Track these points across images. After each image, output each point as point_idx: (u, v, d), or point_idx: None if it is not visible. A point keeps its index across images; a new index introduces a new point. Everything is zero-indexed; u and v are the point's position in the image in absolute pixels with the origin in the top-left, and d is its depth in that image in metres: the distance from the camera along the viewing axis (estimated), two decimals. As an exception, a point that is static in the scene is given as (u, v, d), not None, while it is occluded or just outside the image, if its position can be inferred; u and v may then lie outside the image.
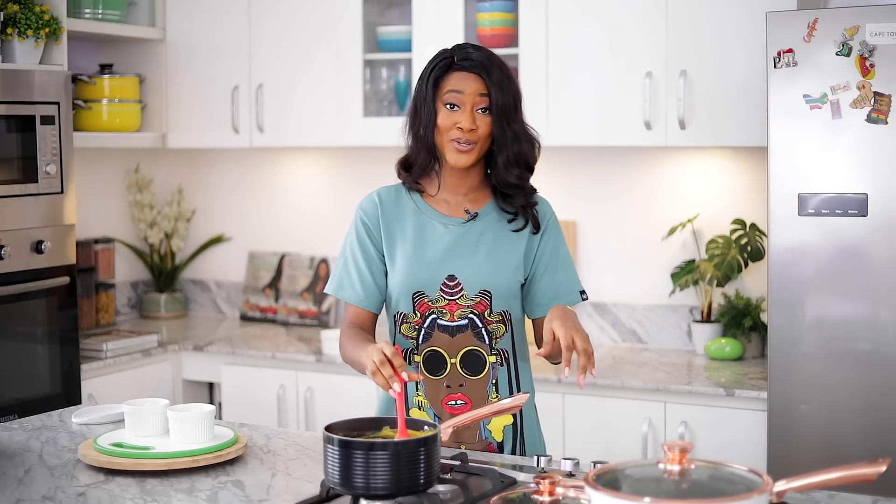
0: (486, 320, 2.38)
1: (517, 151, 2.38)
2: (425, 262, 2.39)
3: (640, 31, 3.64)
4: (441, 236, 2.41)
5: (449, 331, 2.38)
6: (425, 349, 2.40)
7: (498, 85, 2.34)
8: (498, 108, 2.34)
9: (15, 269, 3.54)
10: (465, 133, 2.34)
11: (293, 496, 2.01)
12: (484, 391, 2.39)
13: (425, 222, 2.43)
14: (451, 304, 2.37)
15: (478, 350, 2.39)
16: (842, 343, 3.08)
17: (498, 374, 2.40)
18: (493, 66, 2.36)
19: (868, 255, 3.04)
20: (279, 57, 4.21)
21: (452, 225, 2.42)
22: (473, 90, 2.34)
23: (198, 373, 4.16)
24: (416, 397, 2.42)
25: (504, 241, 2.42)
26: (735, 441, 3.31)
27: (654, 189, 4.00)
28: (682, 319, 3.95)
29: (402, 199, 2.47)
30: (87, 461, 2.19)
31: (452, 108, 2.35)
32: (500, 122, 2.35)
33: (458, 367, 2.39)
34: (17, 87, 3.55)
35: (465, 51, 2.38)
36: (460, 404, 2.39)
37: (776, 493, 1.65)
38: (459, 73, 2.36)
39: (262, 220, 4.69)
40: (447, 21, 3.89)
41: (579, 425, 3.49)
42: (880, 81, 2.99)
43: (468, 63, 2.35)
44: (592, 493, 1.50)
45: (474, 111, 2.34)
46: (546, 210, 2.48)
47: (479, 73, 2.34)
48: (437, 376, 2.40)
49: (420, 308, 2.39)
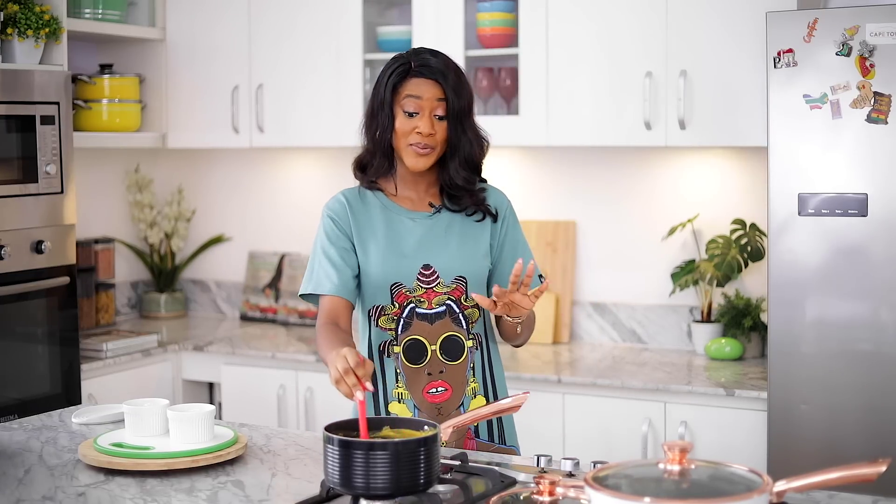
0: (463, 305, 2.45)
1: (468, 154, 2.46)
2: (400, 255, 2.45)
3: (640, 31, 3.64)
4: (411, 229, 2.48)
5: (428, 318, 2.44)
6: (405, 339, 2.44)
7: (454, 90, 2.41)
8: (454, 113, 2.42)
9: (15, 269, 3.54)
10: (424, 138, 2.40)
11: (293, 496, 2.01)
12: (463, 376, 2.46)
13: (393, 218, 2.49)
14: (428, 292, 2.44)
15: (456, 335, 2.46)
16: (842, 343, 3.08)
17: (474, 359, 2.48)
18: (449, 71, 2.43)
19: (868, 255, 3.04)
20: (279, 57, 4.21)
21: (419, 218, 2.49)
22: (431, 96, 2.41)
23: (198, 373, 4.16)
24: (396, 389, 2.45)
25: (470, 230, 2.50)
26: (735, 441, 3.31)
27: (654, 189, 4.00)
28: (682, 319, 3.95)
29: (366, 198, 2.52)
30: (87, 461, 2.19)
31: (411, 115, 2.41)
32: (456, 127, 2.43)
33: (438, 353, 2.45)
34: (17, 87, 3.55)
35: (422, 56, 2.45)
36: (440, 391, 2.44)
37: (776, 493, 1.65)
38: (418, 80, 2.42)
39: (262, 220, 4.69)
40: (447, 21, 3.90)
41: (579, 425, 3.49)
42: (880, 81, 2.99)
43: (426, 70, 2.42)
44: (592, 493, 1.50)
45: (432, 116, 2.41)
46: (500, 199, 2.56)
47: (436, 80, 2.41)
48: (417, 365, 2.44)
49: (398, 299, 2.44)
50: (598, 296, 4.07)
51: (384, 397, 2.47)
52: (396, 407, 2.46)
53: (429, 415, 2.44)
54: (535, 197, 4.19)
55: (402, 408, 2.46)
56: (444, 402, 2.44)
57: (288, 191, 4.64)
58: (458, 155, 2.45)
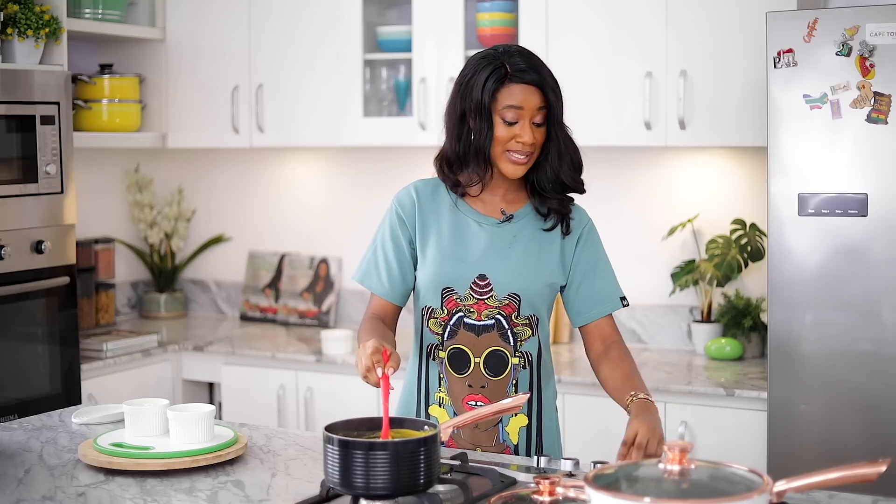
0: (513, 322, 2.38)
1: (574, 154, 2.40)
2: (458, 259, 2.38)
3: (640, 31, 3.64)
4: (475, 235, 2.40)
5: (475, 330, 2.37)
6: (450, 346, 2.39)
7: (553, 93, 2.34)
8: (557, 118, 2.35)
9: (15, 269, 3.54)
10: (526, 147, 2.33)
11: (293, 496, 2.01)
12: (503, 393, 2.38)
13: (461, 219, 2.41)
14: (479, 303, 2.37)
15: (502, 351, 2.38)
16: (842, 343, 3.08)
17: (519, 377, 2.40)
18: (545, 73, 2.34)
19: (868, 255, 3.04)
20: (279, 57, 4.21)
21: (487, 224, 2.41)
22: (533, 105, 2.33)
23: (198, 373, 4.16)
24: (438, 393, 2.42)
25: (537, 245, 2.41)
26: (735, 441, 3.31)
27: (654, 189, 4.00)
28: (682, 319, 3.95)
29: (439, 193, 2.45)
30: (87, 461, 2.19)
31: (511, 123, 2.33)
32: (556, 131, 2.36)
33: (481, 366, 2.38)
34: (17, 87, 3.55)
35: (514, 59, 2.33)
36: (479, 406, 2.36)
37: (776, 493, 1.65)
38: (517, 86, 2.32)
39: (262, 220, 4.69)
40: (447, 21, 3.90)
41: (579, 425, 3.49)
42: (880, 81, 2.99)
43: (524, 75, 2.32)
44: (592, 493, 1.50)
45: (531, 124, 2.33)
46: (582, 217, 2.48)
47: (536, 86, 2.32)
48: (460, 374, 2.39)
49: (448, 304, 2.38)
50: (598, 296, 4.07)
51: (426, 399, 2.44)
52: (437, 410, 2.42)
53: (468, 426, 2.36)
54: (535, 197, 4.18)
55: (442, 412, 2.41)
56: None
57: (288, 191, 4.64)
58: (565, 157, 2.38)
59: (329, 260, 4.49)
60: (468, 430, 2.38)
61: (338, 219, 4.51)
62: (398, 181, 2.60)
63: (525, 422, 2.41)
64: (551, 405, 2.48)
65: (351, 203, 4.48)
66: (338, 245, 4.51)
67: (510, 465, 2.17)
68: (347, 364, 3.80)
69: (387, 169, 4.36)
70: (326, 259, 4.50)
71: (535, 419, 2.43)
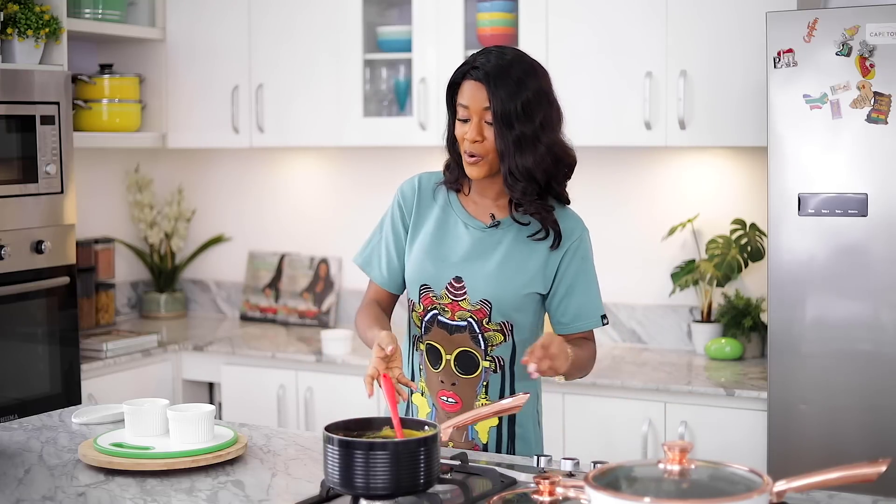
0: (484, 328, 2.37)
1: (520, 164, 2.28)
2: (438, 259, 2.39)
3: (640, 31, 3.64)
4: (460, 237, 2.40)
5: (448, 328, 2.39)
6: (426, 340, 2.43)
7: (504, 94, 2.25)
8: (498, 117, 2.25)
9: (15, 269, 3.54)
10: (471, 145, 2.30)
11: (293, 496, 2.01)
12: (474, 391, 2.40)
13: (451, 218, 2.42)
14: (453, 303, 2.38)
15: (472, 353, 2.39)
16: (842, 343, 3.08)
17: (490, 379, 2.40)
18: (503, 74, 2.26)
19: (868, 255, 3.04)
20: (279, 57, 4.21)
21: (474, 228, 2.40)
22: (479, 103, 2.28)
23: (198, 373, 4.16)
24: (420, 382, 2.45)
25: (520, 254, 2.38)
26: (735, 441, 3.31)
27: (654, 189, 4.00)
28: (682, 319, 3.95)
29: (439, 189, 2.46)
30: (87, 461, 2.19)
31: (464, 122, 2.32)
32: (501, 132, 2.26)
33: (452, 364, 2.40)
34: (17, 87, 3.55)
35: (482, 57, 2.31)
36: (451, 402, 2.41)
37: (776, 493, 1.65)
38: (468, 83, 2.30)
39: (262, 220, 4.69)
40: (447, 21, 3.90)
41: (579, 425, 3.49)
42: (880, 81, 2.99)
43: (476, 72, 2.28)
44: (592, 493, 1.50)
45: (482, 122, 2.29)
46: (575, 227, 2.41)
47: (483, 83, 2.27)
48: (435, 369, 2.42)
49: (424, 301, 2.41)
50: (598, 296, 4.07)
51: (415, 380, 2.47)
52: (418, 399, 2.46)
53: (441, 418, 2.40)
54: (535, 197, 4.18)
55: (423, 402, 2.45)
56: (453, 412, 2.39)
57: (288, 191, 4.64)
58: (506, 162, 2.28)
59: (329, 260, 4.49)
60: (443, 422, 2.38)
61: (338, 219, 4.51)
62: (398, 181, 2.60)
63: (495, 422, 2.42)
64: (532, 406, 2.46)
65: (351, 203, 4.48)
66: (338, 245, 4.50)
67: (510, 465, 2.17)
68: (347, 364, 3.80)
69: (387, 169, 4.35)
70: (326, 259, 4.50)
71: (506, 421, 2.42)
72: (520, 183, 2.30)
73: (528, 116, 2.27)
